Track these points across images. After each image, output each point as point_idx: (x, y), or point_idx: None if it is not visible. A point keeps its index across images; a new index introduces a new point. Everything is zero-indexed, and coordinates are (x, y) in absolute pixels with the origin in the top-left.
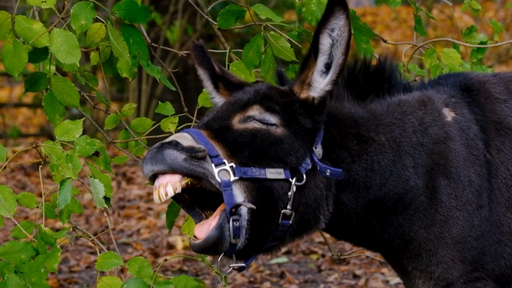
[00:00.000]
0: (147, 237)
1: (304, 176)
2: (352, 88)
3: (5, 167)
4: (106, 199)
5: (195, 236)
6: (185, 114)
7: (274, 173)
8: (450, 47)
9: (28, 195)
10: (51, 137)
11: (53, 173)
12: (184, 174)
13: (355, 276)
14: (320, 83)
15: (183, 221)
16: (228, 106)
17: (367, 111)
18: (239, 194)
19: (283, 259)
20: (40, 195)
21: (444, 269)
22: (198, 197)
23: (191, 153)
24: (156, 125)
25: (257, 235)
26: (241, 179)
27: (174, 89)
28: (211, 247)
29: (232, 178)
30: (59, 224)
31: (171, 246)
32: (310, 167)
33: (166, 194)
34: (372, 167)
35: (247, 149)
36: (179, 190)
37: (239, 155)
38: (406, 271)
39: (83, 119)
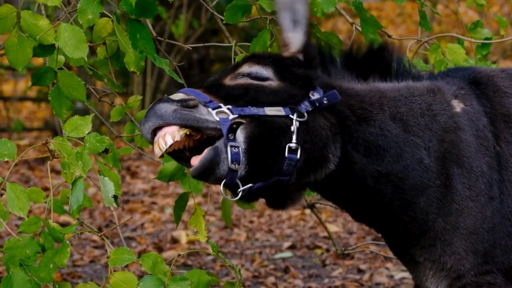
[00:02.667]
0: (151, 231)
1: (306, 114)
2: (353, 70)
3: (14, 164)
4: (114, 197)
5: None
6: None
7: (273, 111)
8: (455, 43)
9: (36, 190)
10: (56, 131)
11: (64, 171)
12: (178, 124)
13: (360, 271)
14: (295, 38)
15: (190, 215)
16: (221, 72)
17: (369, 85)
18: (238, 131)
19: (288, 253)
20: (44, 189)
21: (457, 260)
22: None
23: (182, 103)
24: None
25: (260, 163)
26: (240, 116)
27: (181, 81)
28: (208, 168)
29: (231, 116)
30: (63, 218)
31: (175, 241)
32: (310, 109)
33: (166, 143)
34: (383, 132)
35: (241, 100)
36: (177, 138)
37: (234, 102)
38: (416, 263)
39: (92, 115)
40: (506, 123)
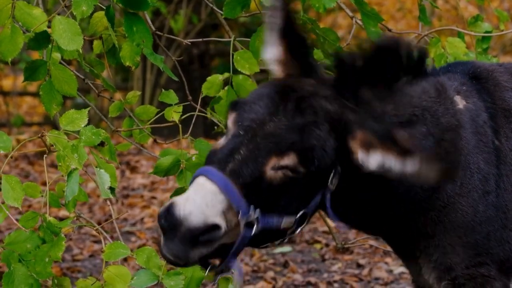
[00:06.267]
0: (151, 226)
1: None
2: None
3: (10, 157)
4: (111, 189)
5: None
6: (189, 103)
7: (287, 223)
8: (455, 37)
9: (32, 185)
10: (55, 126)
11: (59, 164)
12: None
13: (359, 266)
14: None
15: None
16: (266, 142)
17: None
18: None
19: (287, 248)
20: (44, 184)
21: (441, 253)
22: None
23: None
24: (160, 113)
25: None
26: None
27: (175, 78)
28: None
29: (254, 231)
30: (62, 213)
31: None
32: (318, 203)
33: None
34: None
35: (271, 197)
36: None
37: (264, 204)
38: (410, 257)
39: (88, 108)
40: (506, 118)
